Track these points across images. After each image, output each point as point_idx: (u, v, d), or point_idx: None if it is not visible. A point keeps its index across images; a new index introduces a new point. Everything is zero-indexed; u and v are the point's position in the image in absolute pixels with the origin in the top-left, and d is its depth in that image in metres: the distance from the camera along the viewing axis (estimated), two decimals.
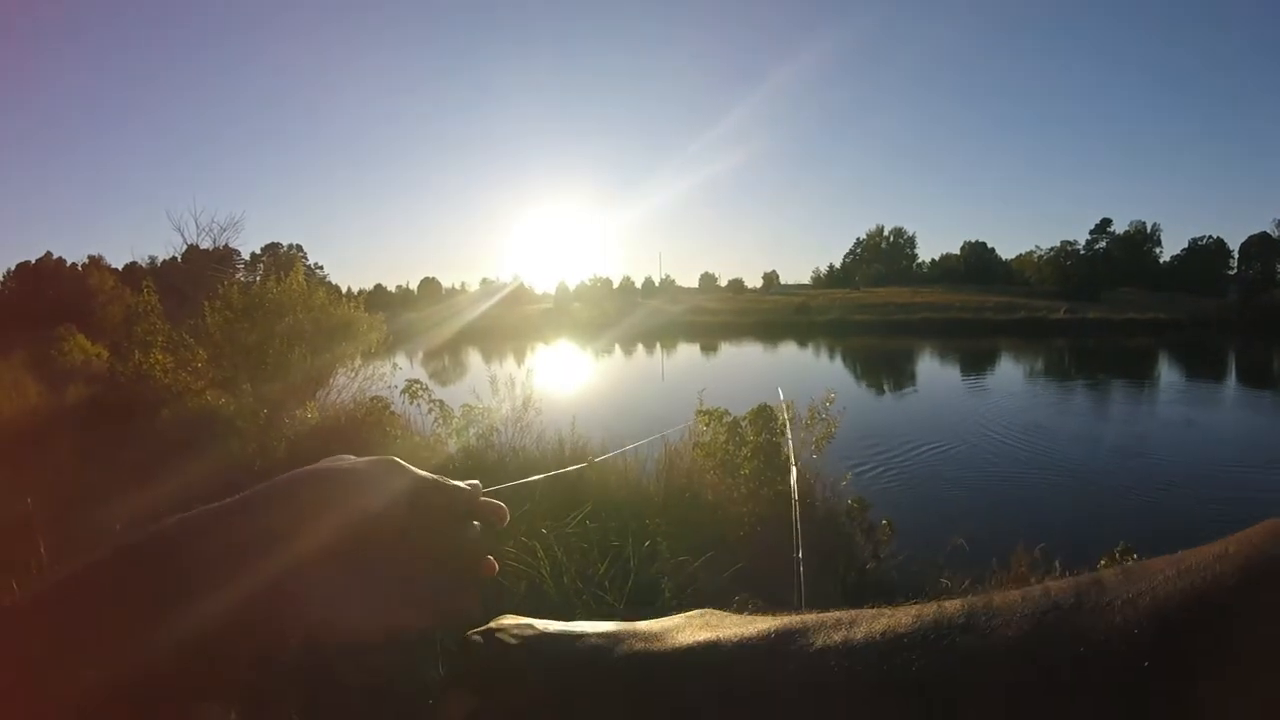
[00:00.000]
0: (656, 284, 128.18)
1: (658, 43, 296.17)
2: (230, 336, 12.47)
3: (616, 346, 52.63)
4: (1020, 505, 12.03)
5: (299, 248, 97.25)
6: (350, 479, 0.63)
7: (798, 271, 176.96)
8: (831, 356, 48.30)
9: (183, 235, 35.72)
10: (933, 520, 9.63)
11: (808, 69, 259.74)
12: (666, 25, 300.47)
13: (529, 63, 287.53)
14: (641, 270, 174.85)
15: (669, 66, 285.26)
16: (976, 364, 40.30)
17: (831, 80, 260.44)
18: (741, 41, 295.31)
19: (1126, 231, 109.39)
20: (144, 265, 49.65)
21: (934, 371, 38.74)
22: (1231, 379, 36.23)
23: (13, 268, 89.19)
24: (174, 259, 37.27)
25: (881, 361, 42.66)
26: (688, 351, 51.61)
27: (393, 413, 10.40)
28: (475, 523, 0.68)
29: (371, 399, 11.29)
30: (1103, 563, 6.13)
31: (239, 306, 12.70)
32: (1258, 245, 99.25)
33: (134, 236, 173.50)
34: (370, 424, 10.23)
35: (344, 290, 19.17)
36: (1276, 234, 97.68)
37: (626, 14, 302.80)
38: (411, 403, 9.62)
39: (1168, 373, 37.98)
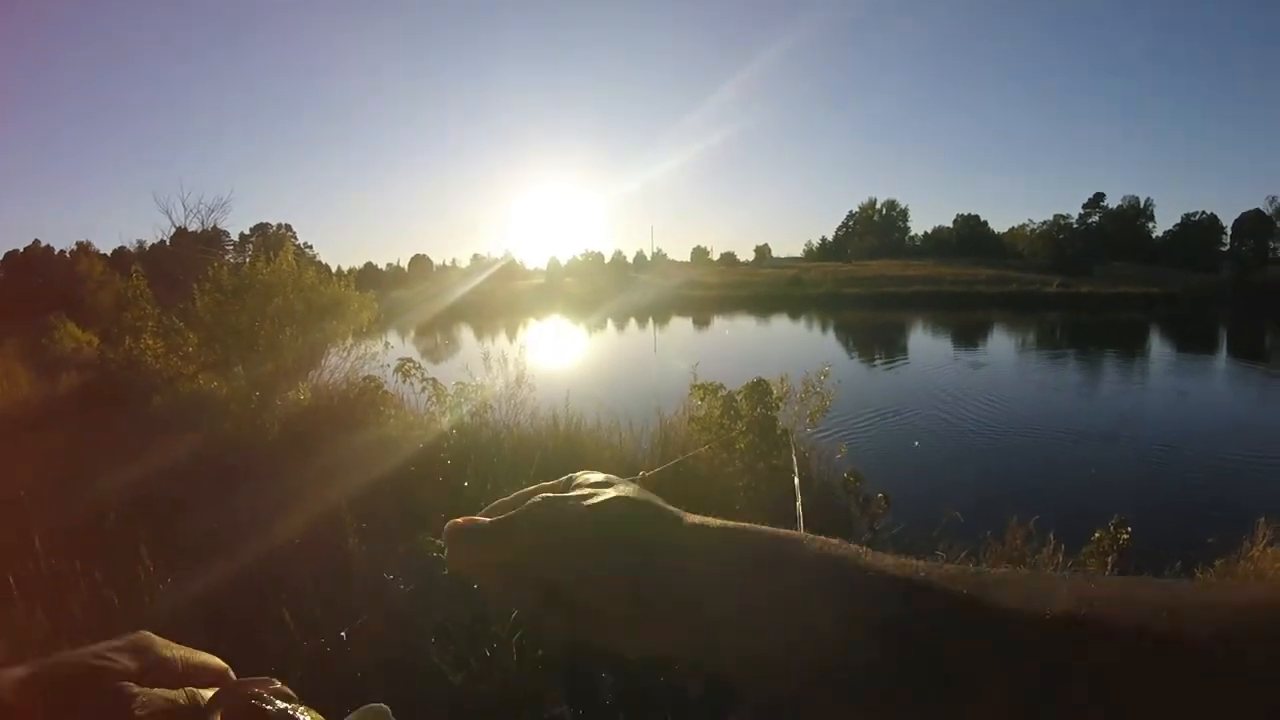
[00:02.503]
0: (649, 258, 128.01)
1: (651, 15, 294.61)
2: (220, 319, 12.40)
3: (609, 321, 52.62)
4: (1013, 477, 12.05)
5: (288, 227, 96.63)
6: None
7: (790, 245, 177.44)
8: (824, 330, 48.42)
9: (170, 218, 35.46)
10: (927, 492, 9.64)
11: (800, 43, 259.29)
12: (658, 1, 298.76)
13: (519, 36, 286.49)
14: (633, 244, 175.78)
15: (661, 41, 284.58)
16: (969, 337, 40.39)
17: (824, 54, 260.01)
18: (734, 15, 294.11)
19: (1119, 206, 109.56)
20: (132, 250, 49.43)
21: (926, 345, 38.77)
22: (1224, 353, 36.34)
23: (1, 257, 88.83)
24: (162, 242, 36.99)
25: (874, 335, 42.70)
26: (681, 326, 51.63)
27: (386, 392, 10.37)
28: None
29: (364, 379, 11.24)
30: (1097, 535, 6.16)
31: (229, 288, 12.61)
32: (1251, 222, 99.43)
33: (122, 221, 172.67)
34: (364, 404, 10.21)
35: (334, 269, 19.11)
36: (1270, 211, 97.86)
37: None
38: (404, 381, 9.58)
39: (1160, 346, 38.08)
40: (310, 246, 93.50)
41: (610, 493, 0.61)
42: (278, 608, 4.43)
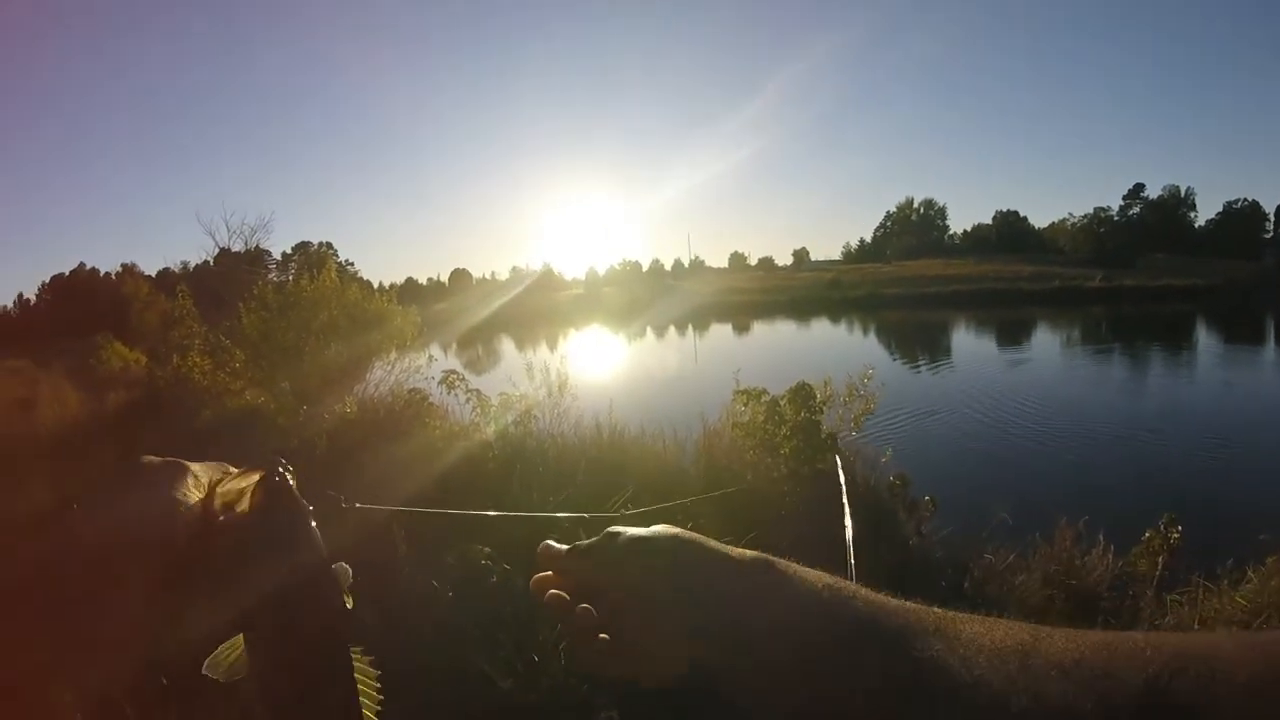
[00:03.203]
0: (686, 266, 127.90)
1: (684, 26, 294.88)
2: (267, 335, 12.57)
3: (648, 330, 52.60)
4: (1062, 476, 11.91)
5: (329, 245, 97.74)
6: None
7: (828, 248, 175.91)
8: (865, 332, 48.07)
9: (214, 239, 35.98)
10: (974, 493, 9.56)
11: (832, 50, 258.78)
12: (691, 9, 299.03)
13: (554, 48, 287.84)
14: (670, 252, 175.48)
15: (695, 51, 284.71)
16: (1013, 335, 39.97)
17: (856, 58, 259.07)
18: (766, 25, 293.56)
19: (1160, 196, 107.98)
20: (177, 271, 50.23)
21: (969, 344, 38.43)
22: (1271, 343, 35.77)
23: (46, 280, 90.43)
24: (206, 263, 37.54)
25: (916, 335, 42.36)
26: (720, 332, 51.49)
27: (431, 404, 10.46)
28: None
29: (409, 391, 11.36)
30: (1147, 535, 6.07)
31: (274, 306, 12.80)
32: None
33: (165, 243, 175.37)
34: (409, 416, 10.30)
35: (376, 285, 19.28)
36: None
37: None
38: (449, 393, 9.66)
39: (1206, 338, 37.47)
40: (351, 264, 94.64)
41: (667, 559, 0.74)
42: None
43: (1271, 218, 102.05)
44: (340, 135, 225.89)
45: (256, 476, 0.66)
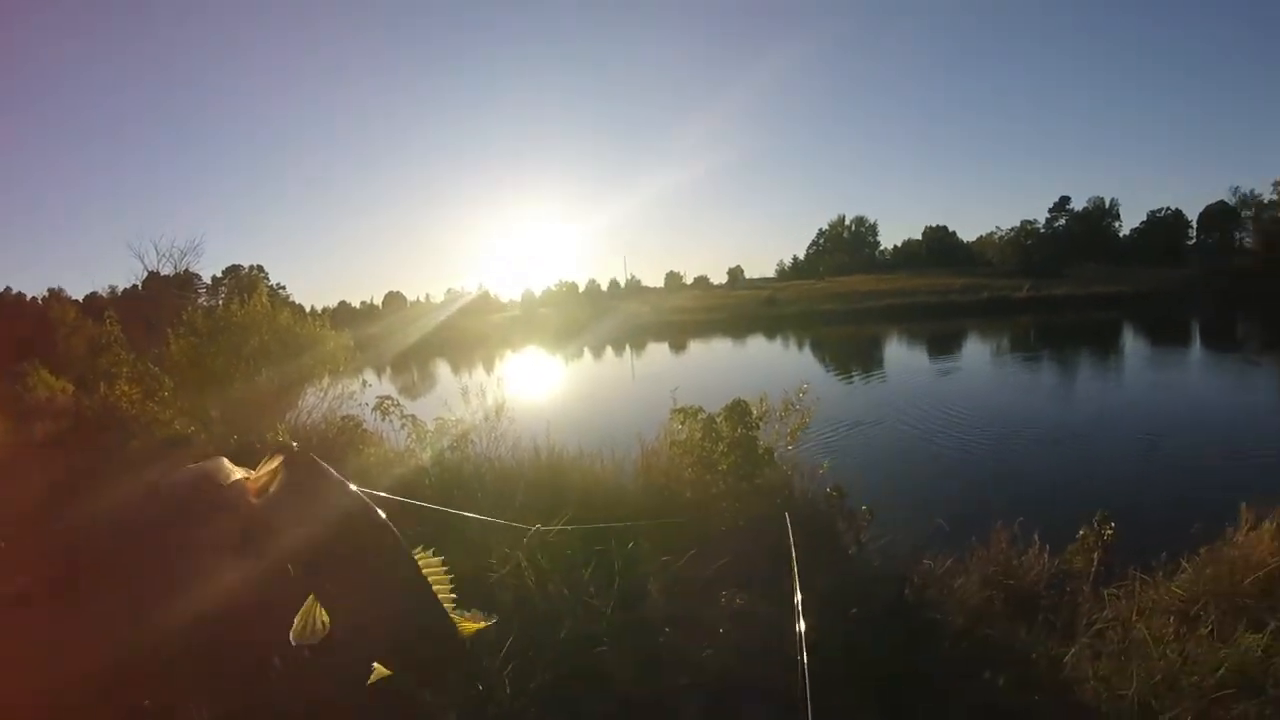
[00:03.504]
0: (622, 286, 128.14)
1: (621, 51, 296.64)
2: (196, 362, 12.33)
3: (586, 351, 52.67)
4: (996, 481, 12.17)
5: (260, 268, 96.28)
6: None
7: (762, 265, 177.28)
8: (801, 348, 48.61)
9: (143, 262, 35.49)
10: (911, 502, 9.72)
11: (770, 74, 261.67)
12: (628, 35, 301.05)
13: (489, 72, 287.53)
14: (607, 273, 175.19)
15: (630, 76, 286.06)
16: (945, 346, 40.72)
17: (791, 83, 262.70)
18: (704, 51, 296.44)
19: (1085, 208, 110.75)
20: (105, 295, 49.17)
21: (903, 356, 39.05)
22: (1197, 344, 36.95)
23: None
24: (135, 287, 36.93)
25: (851, 349, 42.96)
26: (658, 351, 51.68)
27: (365, 430, 10.31)
28: None
29: (343, 418, 11.19)
30: (1082, 533, 6.23)
31: (204, 331, 12.56)
32: (1216, 215, 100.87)
33: (93, 266, 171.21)
34: (343, 443, 10.15)
35: (308, 309, 19.01)
36: (1234, 202, 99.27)
37: (588, 27, 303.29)
38: (384, 419, 9.53)
39: (1134, 342, 38.68)
40: (283, 287, 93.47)
41: None
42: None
43: (1194, 225, 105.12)
44: (271, 156, 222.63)
45: (278, 459, 0.76)
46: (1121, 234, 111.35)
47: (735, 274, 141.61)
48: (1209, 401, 19.82)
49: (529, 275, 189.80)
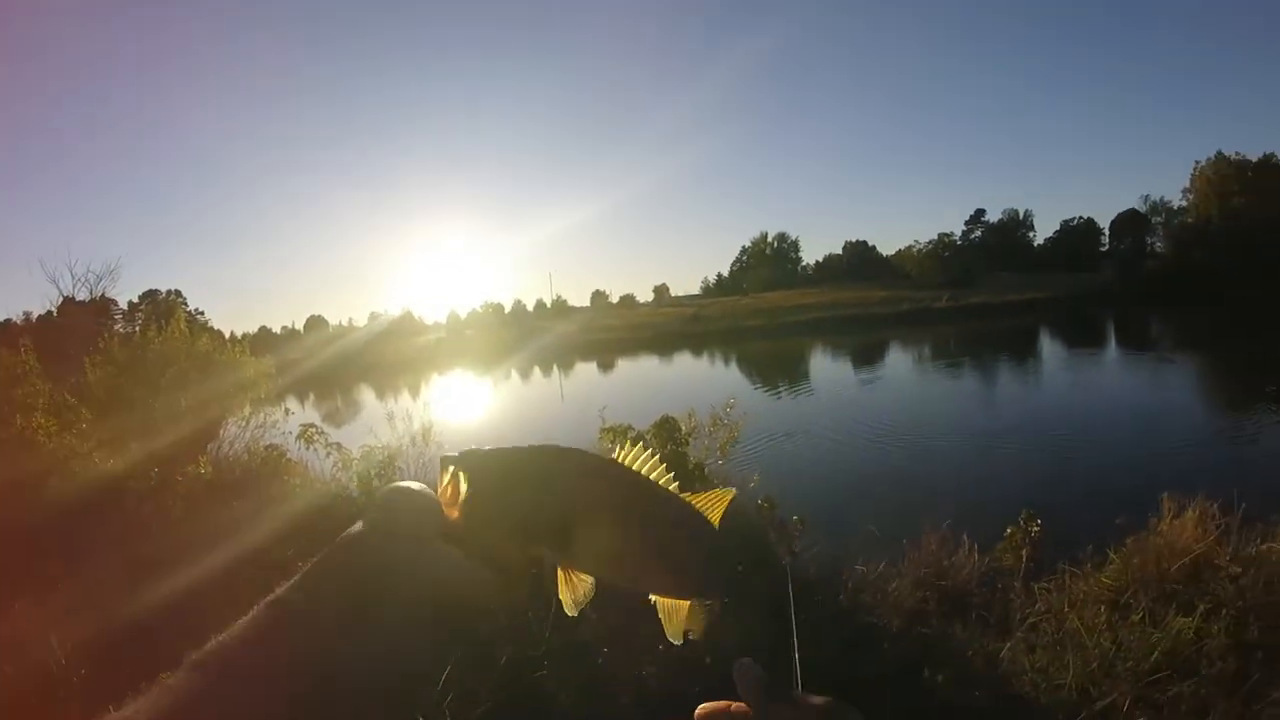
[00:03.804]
0: (549, 306, 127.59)
1: (547, 72, 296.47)
2: (114, 392, 12.02)
3: (513, 372, 52.29)
4: (925, 485, 12.35)
5: (178, 293, 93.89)
6: None
7: (687, 283, 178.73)
8: (728, 363, 48.87)
9: (58, 286, 34.45)
10: (842, 509, 9.86)
11: (691, 97, 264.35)
12: (548, 63, 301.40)
13: (411, 90, 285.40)
14: (533, 293, 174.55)
15: (553, 99, 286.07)
16: (868, 357, 41.34)
17: (714, 104, 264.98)
18: (624, 76, 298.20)
19: (1000, 219, 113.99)
20: (19, 322, 47.58)
21: (828, 367, 39.63)
22: (1113, 346, 38.15)
23: None
24: (50, 313, 35.86)
25: (777, 363, 43.28)
26: (585, 371, 51.53)
27: (289, 460, 10.14)
28: None
29: (266, 447, 11.00)
30: (1009, 531, 6.41)
31: (121, 360, 12.25)
32: (1127, 222, 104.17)
33: (4, 291, 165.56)
34: (267, 474, 9.96)
35: (227, 335, 18.63)
36: (1145, 209, 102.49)
37: (512, 45, 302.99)
38: (308, 447, 9.40)
39: (1051, 346, 39.79)
40: (202, 313, 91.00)
41: None
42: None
43: (1107, 232, 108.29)
44: (189, 177, 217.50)
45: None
46: (1036, 243, 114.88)
47: (661, 292, 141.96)
48: (1126, 399, 20.46)
49: (453, 296, 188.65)
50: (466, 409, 30.41)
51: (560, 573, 0.72)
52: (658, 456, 0.76)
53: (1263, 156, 78.57)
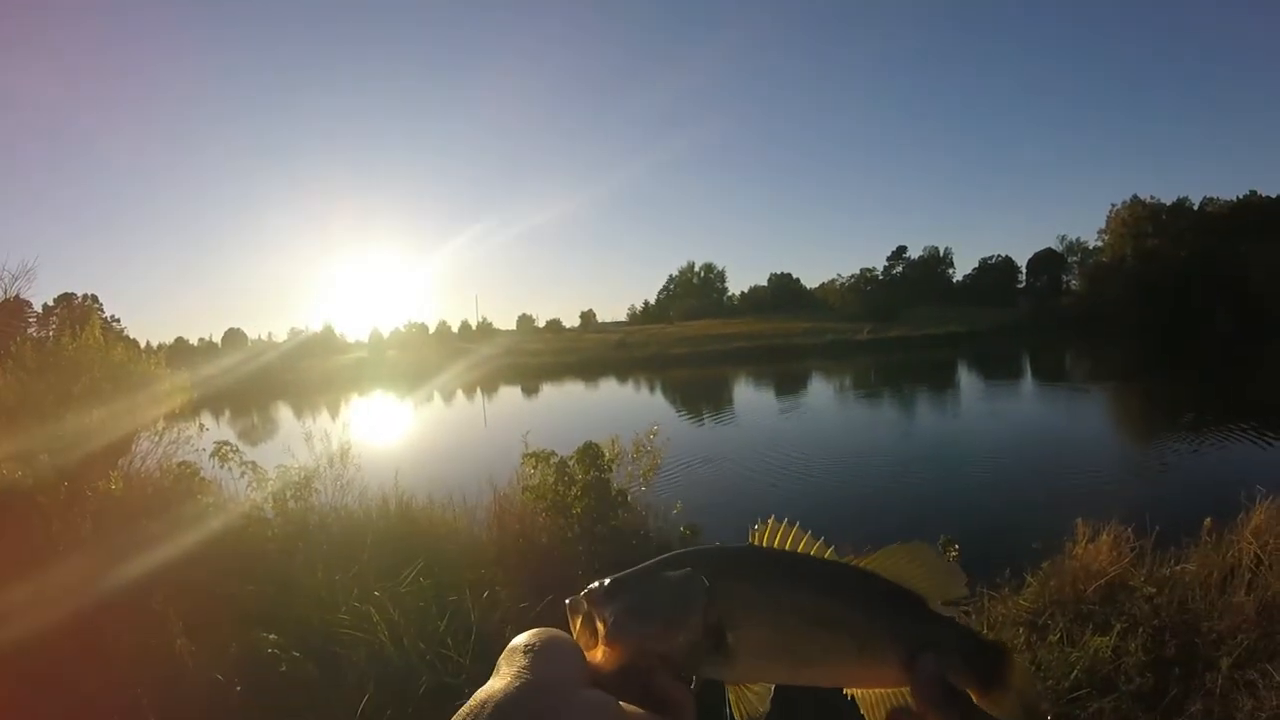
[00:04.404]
0: (474, 327, 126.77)
1: (478, 90, 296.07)
2: (24, 400, 11.60)
3: (436, 394, 51.78)
4: (840, 511, 12.55)
5: (95, 298, 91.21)
6: None
7: (614, 309, 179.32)
8: (652, 390, 48.99)
9: None
10: None
11: (620, 122, 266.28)
12: (478, 83, 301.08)
13: (337, 104, 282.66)
14: (458, 314, 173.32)
15: (481, 121, 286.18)
16: (790, 386, 41.89)
17: (643, 132, 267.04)
18: (553, 101, 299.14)
19: (921, 256, 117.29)
20: None
21: (751, 396, 39.99)
22: (1028, 377, 39.33)
23: None
24: None
25: (701, 391, 43.61)
26: (509, 395, 51.25)
27: (203, 478, 9.86)
28: None
29: (178, 464, 10.69)
30: None
31: (33, 366, 11.84)
32: (1044, 260, 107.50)
33: None
34: (179, 492, 9.69)
35: (143, 345, 18.13)
36: (1061, 249, 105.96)
37: (446, 65, 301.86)
38: (222, 466, 9.18)
39: (969, 377, 40.85)
40: (118, 320, 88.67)
41: None
42: (110, 716, 4.16)
43: (1024, 270, 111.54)
44: (108, 179, 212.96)
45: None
46: (956, 279, 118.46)
47: (587, 318, 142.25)
48: (1041, 428, 21.06)
49: (377, 314, 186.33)
50: (388, 431, 30.00)
51: (729, 691, 0.67)
52: (798, 525, 0.74)
53: (1176, 200, 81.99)
